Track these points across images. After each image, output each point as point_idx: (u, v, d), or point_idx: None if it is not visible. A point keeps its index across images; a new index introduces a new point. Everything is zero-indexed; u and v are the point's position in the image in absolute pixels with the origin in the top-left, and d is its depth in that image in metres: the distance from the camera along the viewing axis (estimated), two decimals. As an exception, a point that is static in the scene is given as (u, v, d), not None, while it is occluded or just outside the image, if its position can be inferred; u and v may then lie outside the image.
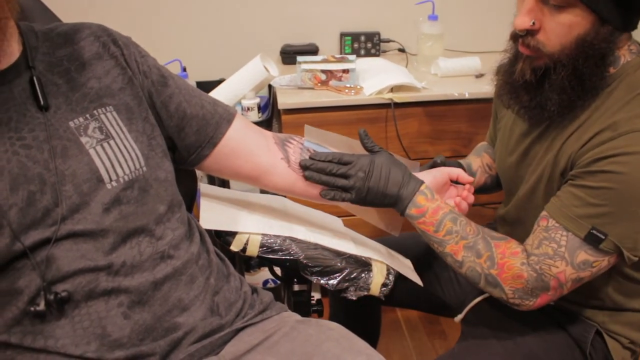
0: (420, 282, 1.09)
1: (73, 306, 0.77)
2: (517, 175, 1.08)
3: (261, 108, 1.76)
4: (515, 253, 0.94)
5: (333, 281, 0.99)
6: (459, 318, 1.18)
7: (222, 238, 0.99)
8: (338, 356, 0.84)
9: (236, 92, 1.66)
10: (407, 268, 1.12)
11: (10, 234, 0.74)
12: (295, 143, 1.03)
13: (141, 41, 0.95)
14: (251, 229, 1.00)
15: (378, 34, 2.06)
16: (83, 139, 0.81)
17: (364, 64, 1.86)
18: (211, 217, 1.00)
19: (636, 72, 0.91)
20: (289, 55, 2.01)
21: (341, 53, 2.08)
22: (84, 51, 0.86)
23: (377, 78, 1.75)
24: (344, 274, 0.99)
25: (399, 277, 1.04)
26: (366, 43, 2.06)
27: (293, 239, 1.01)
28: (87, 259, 0.78)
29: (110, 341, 0.78)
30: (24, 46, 0.82)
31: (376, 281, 1.00)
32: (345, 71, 1.72)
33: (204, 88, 1.14)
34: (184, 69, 1.83)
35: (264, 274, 1.97)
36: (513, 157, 1.09)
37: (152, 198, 0.86)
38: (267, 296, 0.99)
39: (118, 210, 0.81)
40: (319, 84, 1.74)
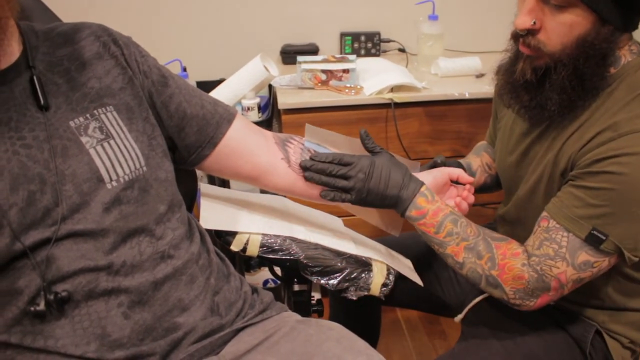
0: (420, 282, 1.09)
1: (73, 306, 0.77)
2: (517, 174, 1.08)
3: (261, 108, 1.76)
4: (516, 254, 0.94)
5: (333, 281, 0.99)
6: (459, 318, 1.18)
7: (222, 238, 0.99)
8: (338, 356, 0.84)
9: (236, 92, 1.66)
10: (407, 268, 1.12)
11: (10, 234, 0.74)
12: (295, 143, 1.02)
13: (141, 41, 0.95)
14: (251, 229, 1.00)
15: (378, 34, 2.06)
16: (83, 139, 0.81)
17: (364, 64, 1.85)
18: (211, 217, 1.00)
19: (637, 73, 0.91)
20: (289, 55, 2.01)
21: (341, 53, 2.08)
22: (85, 51, 0.86)
23: (377, 78, 1.75)
24: (344, 274, 0.99)
25: (399, 277, 1.04)
26: (366, 43, 2.06)
27: (293, 239, 1.01)
28: (87, 259, 0.78)
29: (110, 341, 0.78)
30: (24, 46, 0.82)
31: (376, 281, 1.00)
32: (345, 71, 1.72)
33: (204, 88, 1.13)
34: (184, 69, 1.82)
35: (264, 274, 1.97)
36: (513, 157, 1.09)
37: (152, 198, 0.86)
38: (268, 296, 0.99)
39: (118, 210, 0.81)
40: (319, 84, 1.74)
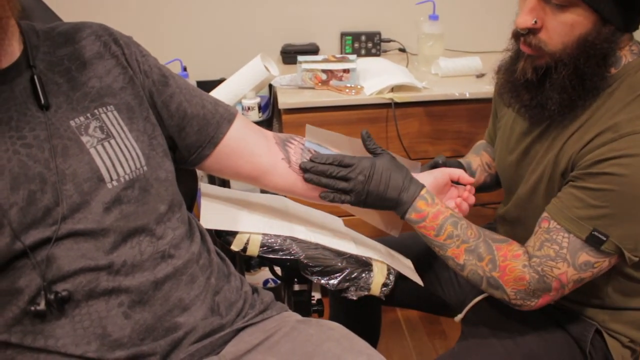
0: (420, 282, 1.09)
1: (73, 306, 0.77)
2: (517, 174, 1.08)
3: (262, 108, 1.76)
4: (516, 255, 0.94)
5: (334, 281, 0.99)
6: (459, 318, 1.18)
7: (223, 238, 0.99)
8: (339, 356, 0.84)
9: (237, 92, 1.66)
10: (408, 268, 1.12)
11: (10, 233, 0.74)
12: (296, 143, 1.02)
13: (142, 41, 0.95)
14: (252, 229, 1.00)
15: (379, 34, 2.06)
16: (84, 138, 0.81)
17: (365, 64, 1.85)
18: (212, 217, 1.00)
19: (637, 73, 0.91)
20: (290, 54, 2.01)
21: (342, 53, 2.08)
22: (85, 50, 0.86)
23: (378, 78, 1.75)
24: (345, 274, 0.99)
25: (400, 277, 1.04)
26: (367, 43, 2.06)
27: (294, 239, 1.01)
28: (88, 259, 0.78)
29: (110, 341, 0.78)
30: (25, 45, 0.82)
31: (377, 281, 1.00)
32: (345, 71, 1.72)
33: (205, 87, 1.13)
34: (185, 69, 1.82)
35: (264, 274, 1.97)
36: (513, 156, 1.09)
37: (153, 198, 0.86)
38: (268, 296, 0.99)
39: (119, 209, 0.81)
40: (320, 84, 1.74)
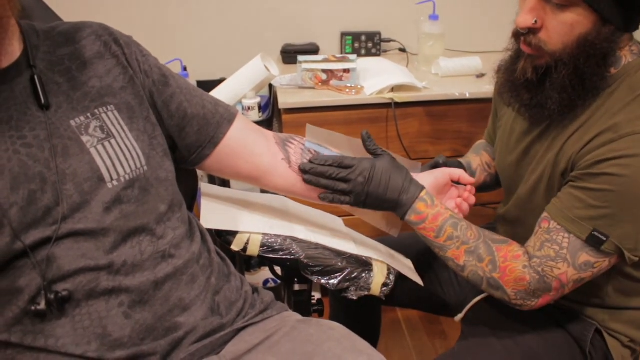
0: (420, 282, 1.09)
1: (74, 305, 0.77)
2: (517, 174, 1.08)
3: (262, 107, 1.76)
4: (517, 256, 0.94)
5: (334, 281, 0.99)
6: (459, 317, 1.18)
7: (223, 237, 0.99)
8: (339, 356, 0.84)
9: (237, 92, 1.65)
10: (408, 268, 1.12)
11: (10, 233, 0.74)
12: (296, 143, 1.02)
13: (142, 40, 0.95)
14: (252, 229, 1.00)
15: (379, 34, 2.06)
16: (84, 138, 0.81)
17: (365, 64, 1.85)
18: (212, 217, 1.00)
19: (637, 73, 0.91)
20: (290, 54, 2.01)
21: (342, 53, 2.08)
22: (85, 50, 0.86)
23: (378, 78, 1.75)
24: (345, 274, 0.99)
25: (400, 277, 1.04)
26: (367, 43, 2.06)
27: (294, 239, 1.01)
28: (88, 258, 0.78)
29: (110, 341, 0.78)
30: (25, 45, 0.82)
31: (377, 281, 1.00)
32: (346, 71, 1.72)
33: (205, 87, 1.13)
34: (185, 69, 1.82)
35: (265, 274, 1.97)
36: (513, 156, 1.09)
37: (153, 197, 0.86)
38: (268, 296, 0.99)
39: (119, 209, 0.81)
40: (320, 84, 1.74)
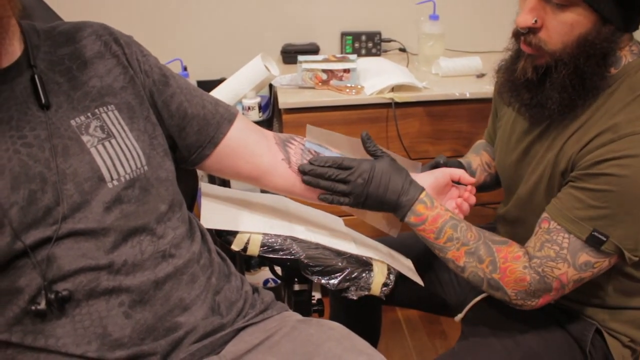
0: (420, 282, 1.09)
1: (74, 305, 0.77)
2: (517, 174, 1.08)
3: (262, 107, 1.76)
4: (517, 257, 0.94)
5: (334, 281, 0.99)
6: (459, 317, 1.18)
7: (223, 237, 0.99)
8: (339, 356, 0.84)
9: (237, 92, 1.65)
10: (408, 268, 1.12)
11: (11, 233, 0.74)
12: (296, 144, 1.02)
13: (142, 40, 0.95)
14: (252, 229, 1.00)
15: (379, 34, 2.06)
16: (84, 138, 0.81)
17: (365, 64, 1.85)
18: (212, 217, 1.00)
19: (637, 73, 0.91)
20: (290, 54, 2.01)
21: (342, 52, 2.08)
22: (86, 50, 0.86)
23: (378, 78, 1.75)
24: (345, 274, 0.99)
25: (400, 277, 1.04)
26: (367, 43, 2.06)
27: (294, 239, 1.01)
28: (88, 258, 0.78)
29: (111, 341, 0.78)
30: (26, 45, 0.82)
31: (377, 281, 1.00)
32: (346, 71, 1.72)
33: (205, 87, 1.13)
34: (185, 68, 1.83)
35: (265, 274, 1.97)
36: (513, 156, 1.09)
37: (153, 197, 0.86)
38: (268, 296, 0.99)
39: (119, 209, 0.81)
40: (320, 84, 1.74)
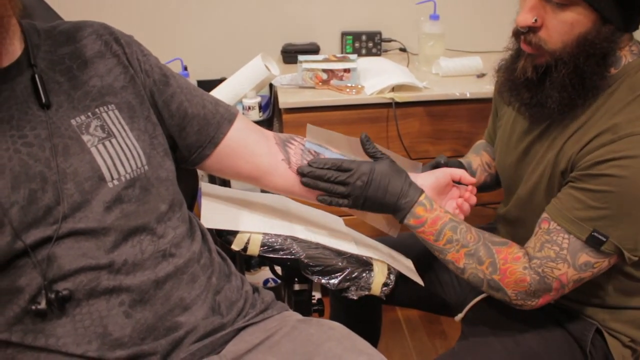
0: (421, 282, 1.09)
1: (74, 305, 0.77)
2: (517, 174, 1.08)
3: (262, 107, 1.76)
4: (517, 258, 0.94)
5: (334, 281, 0.99)
6: (459, 317, 1.18)
7: (223, 237, 0.99)
8: (339, 356, 0.84)
9: (237, 91, 1.66)
10: (408, 268, 1.12)
11: (11, 232, 0.74)
12: (296, 144, 1.02)
13: (143, 40, 0.95)
14: (252, 228, 1.00)
15: (379, 34, 2.06)
16: (85, 137, 0.81)
17: (365, 64, 1.85)
18: (212, 216, 1.00)
19: (637, 74, 0.91)
20: (290, 54, 2.00)
21: (342, 52, 2.08)
22: (86, 49, 0.86)
23: (379, 77, 1.75)
24: (345, 274, 0.99)
25: (400, 277, 1.04)
26: (367, 42, 2.06)
27: (294, 239, 1.01)
28: (89, 258, 0.78)
29: (111, 340, 0.78)
30: (26, 44, 0.82)
31: (377, 281, 1.00)
32: (346, 70, 1.72)
33: (205, 87, 1.13)
34: (185, 68, 1.83)
35: (265, 273, 1.97)
36: (513, 156, 1.09)
37: (154, 197, 0.86)
38: (269, 295, 0.99)
39: (119, 208, 0.81)
40: (320, 83, 1.74)
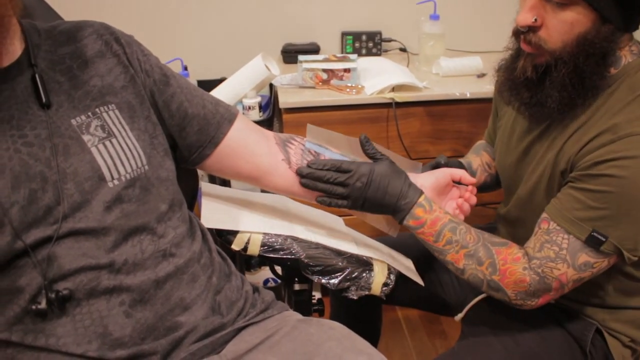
0: (421, 282, 1.09)
1: (74, 304, 0.77)
2: (517, 174, 1.08)
3: (262, 107, 1.76)
4: (516, 259, 0.94)
5: (334, 280, 0.99)
6: (459, 317, 1.18)
7: (224, 237, 0.99)
8: (339, 355, 0.84)
9: (237, 91, 1.66)
10: (408, 268, 1.12)
11: (11, 232, 0.74)
12: (296, 144, 1.02)
13: (143, 40, 0.95)
14: (252, 228, 1.00)
15: (379, 34, 2.06)
16: (85, 137, 0.81)
17: (366, 64, 1.85)
18: (212, 216, 1.00)
19: (637, 74, 0.91)
20: (290, 54, 2.00)
21: (342, 52, 2.08)
22: (87, 49, 0.86)
23: (379, 77, 1.75)
24: (345, 274, 0.99)
25: (400, 277, 1.04)
26: (367, 42, 2.06)
27: (294, 238, 1.01)
28: (89, 257, 0.78)
29: (111, 340, 0.78)
30: (27, 44, 0.82)
31: (377, 281, 1.00)
32: (346, 70, 1.72)
33: (205, 87, 1.13)
34: (185, 68, 1.83)
35: (265, 273, 1.97)
36: (513, 156, 1.09)
37: (154, 197, 0.86)
38: (269, 295, 0.99)
39: (120, 208, 0.81)
40: (320, 83, 1.74)
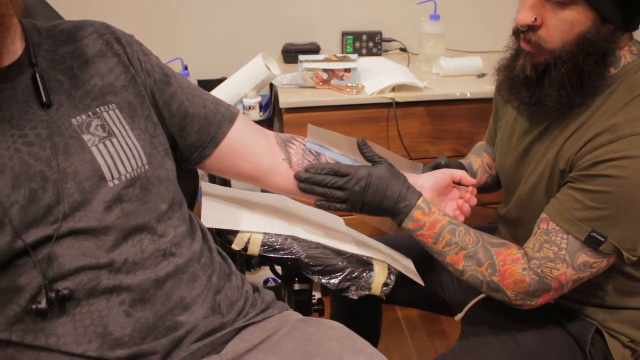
0: (421, 282, 1.09)
1: (74, 304, 0.77)
2: (517, 174, 1.08)
3: (262, 107, 1.76)
4: (516, 259, 0.94)
5: (334, 280, 0.99)
6: (459, 317, 1.18)
7: (224, 236, 0.99)
8: (339, 355, 0.84)
9: (238, 91, 1.66)
10: (408, 268, 1.12)
11: (11, 232, 0.74)
12: (297, 144, 1.02)
13: (143, 39, 0.95)
14: (253, 228, 1.00)
15: (380, 33, 2.06)
16: (85, 137, 0.81)
17: (366, 63, 1.85)
18: (213, 216, 1.00)
19: (637, 74, 0.91)
20: (291, 54, 2.00)
21: (343, 52, 2.08)
22: (87, 49, 0.86)
23: (379, 77, 1.75)
24: (345, 273, 0.99)
25: (400, 277, 1.04)
26: (368, 42, 2.06)
27: (294, 238, 1.01)
28: (89, 257, 0.78)
29: (111, 339, 0.78)
30: (27, 43, 0.82)
31: (377, 280, 1.00)
32: (347, 70, 1.72)
33: (206, 86, 1.13)
34: (186, 68, 1.83)
35: (265, 273, 1.97)
36: (513, 156, 1.09)
37: (154, 196, 0.86)
38: (269, 295, 0.99)
39: (120, 208, 0.81)
40: (321, 83, 1.74)
